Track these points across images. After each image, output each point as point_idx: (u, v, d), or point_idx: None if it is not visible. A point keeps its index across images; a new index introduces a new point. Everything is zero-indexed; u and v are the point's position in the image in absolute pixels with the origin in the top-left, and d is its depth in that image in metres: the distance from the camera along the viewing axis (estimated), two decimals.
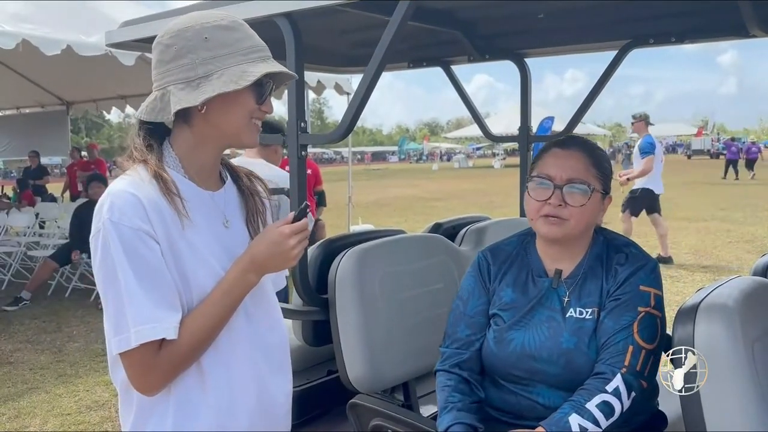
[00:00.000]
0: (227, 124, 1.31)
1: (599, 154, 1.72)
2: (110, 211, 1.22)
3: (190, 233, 1.28)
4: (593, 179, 1.67)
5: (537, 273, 1.74)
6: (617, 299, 1.63)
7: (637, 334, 1.57)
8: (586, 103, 2.96)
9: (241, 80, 1.25)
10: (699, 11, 2.42)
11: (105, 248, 1.21)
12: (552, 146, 1.73)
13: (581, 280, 1.69)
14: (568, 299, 1.67)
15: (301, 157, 2.05)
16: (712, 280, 7.05)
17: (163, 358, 1.23)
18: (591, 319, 1.64)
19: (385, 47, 1.81)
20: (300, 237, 1.31)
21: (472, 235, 2.64)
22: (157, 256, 1.23)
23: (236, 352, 1.34)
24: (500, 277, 1.77)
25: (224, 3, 1.97)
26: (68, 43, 6.39)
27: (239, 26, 1.31)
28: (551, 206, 1.65)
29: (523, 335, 1.67)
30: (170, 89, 1.27)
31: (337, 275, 2.10)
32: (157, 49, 1.30)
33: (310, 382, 2.49)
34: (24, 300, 6.66)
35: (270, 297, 1.48)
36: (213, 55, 1.26)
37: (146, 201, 1.24)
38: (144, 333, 1.20)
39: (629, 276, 1.64)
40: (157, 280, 1.23)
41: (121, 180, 1.28)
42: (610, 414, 1.50)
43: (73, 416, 4.03)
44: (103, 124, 56.92)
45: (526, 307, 1.70)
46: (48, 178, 12.11)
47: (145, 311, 1.20)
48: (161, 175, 1.27)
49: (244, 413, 1.35)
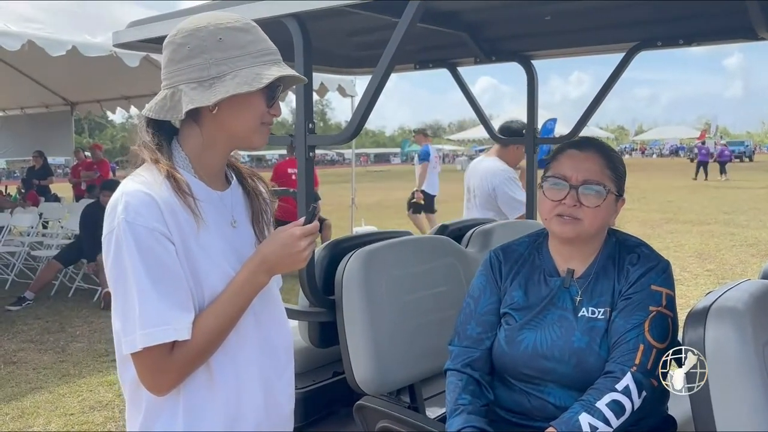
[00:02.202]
0: (237, 125, 1.31)
1: (614, 157, 1.72)
2: (125, 211, 1.21)
3: (202, 234, 1.28)
4: (608, 181, 1.67)
5: (549, 273, 1.74)
6: (629, 298, 1.63)
7: (648, 333, 1.57)
8: (593, 106, 2.96)
9: (255, 82, 1.25)
10: (707, 13, 2.41)
11: (119, 248, 1.21)
12: (568, 147, 1.73)
13: (593, 279, 1.69)
14: (580, 299, 1.68)
15: (309, 158, 2.05)
16: (716, 283, 7.07)
17: (175, 359, 1.23)
18: (603, 318, 1.64)
19: (394, 48, 1.81)
20: (310, 239, 1.32)
21: (479, 236, 2.64)
22: (172, 257, 1.23)
23: (245, 352, 1.35)
24: (512, 276, 1.77)
25: (232, 3, 1.97)
26: (73, 44, 6.40)
27: (252, 29, 1.31)
28: (566, 206, 1.65)
29: (535, 335, 1.68)
30: (182, 88, 1.27)
31: (344, 276, 2.09)
32: (169, 48, 1.30)
33: (316, 384, 2.48)
34: (27, 300, 6.67)
35: (276, 298, 1.48)
36: (226, 56, 1.26)
37: (161, 201, 1.23)
38: (156, 335, 1.20)
39: (641, 276, 1.64)
40: (171, 281, 1.22)
41: (133, 180, 1.27)
42: (620, 413, 1.50)
43: (77, 416, 4.03)
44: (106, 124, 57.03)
45: (537, 307, 1.70)
46: (52, 179, 12.14)
47: (158, 313, 1.20)
48: (174, 175, 1.26)
49: (252, 414, 1.36)
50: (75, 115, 12.00)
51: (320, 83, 8.26)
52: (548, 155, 1.85)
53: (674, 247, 9.61)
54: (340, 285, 2.10)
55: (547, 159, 1.82)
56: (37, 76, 10.37)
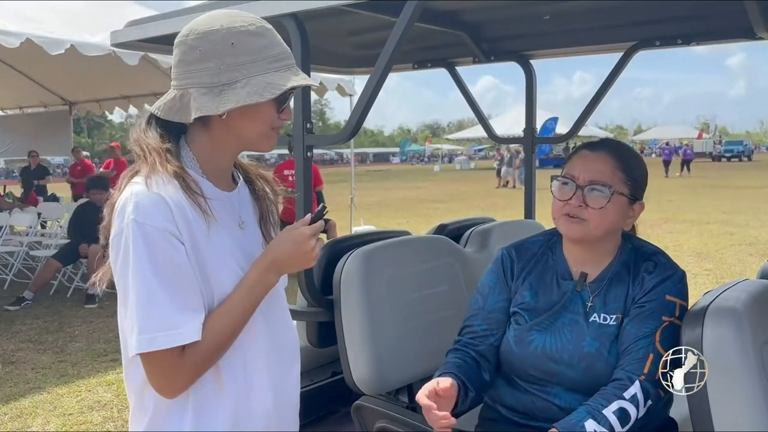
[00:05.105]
0: (247, 131, 1.30)
1: (630, 159, 1.70)
2: (135, 212, 1.19)
3: (211, 233, 1.27)
4: (618, 183, 1.65)
5: (562, 275, 1.72)
6: (642, 306, 1.61)
7: (659, 343, 1.56)
8: (592, 105, 2.96)
9: (265, 92, 1.23)
10: (705, 13, 2.41)
11: (128, 249, 1.19)
12: (582, 148, 1.73)
13: (607, 285, 1.67)
14: (592, 304, 1.66)
15: (307, 158, 2.04)
16: (715, 282, 7.07)
17: (186, 360, 1.22)
18: (615, 324, 1.63)
19: (392, 48, 1.81)
20: (317, 238, 1.32)
21: (478, 236, 2.64)
22: (183, 258, 1.22)
23: (253, 352, 1.34)
24: (524, 276, 1.76)
25: (231, 3, 1.97)
26: (72, 42, 6.39)
27: (266, 32, 1.28)
28: (572, 206, 1.65)
29: (545, 337, 1.67)
30: (191, 92, 1.25)
31: (342, 276, 2.09)
32: (181, 48, 1.27)
33: (314, 384, 2.48)
34: (26, 300, 6.66)
35: (282, 297, 1.48)
36: (238, 61, 1.23)
37: (171, 201, 1.22)
38: (164, 340, 1.18)
39: (656, 285, 1.62)
40: (181, 282, 1.21)
41: (142, 180, 1.24)
42: (625, 421, 1.49)
43: (75, 416, 4.02)
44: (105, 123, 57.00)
45: (549, 309, 1.69)
46: (49, 178, 12.12)
47: (167, 316, 1.19)
48: (183, 175, 1.25)
49: (261, 414, 1.35)
50: (74, 115, 11.99)
51: (319, 82, 8.26)
52: (547, 155, 1.85)
53: (673, 246, 9.60)
54: (339, 285, 2.09)
55: (546, 158, 1.82)
56: (35, 76, 10.36)
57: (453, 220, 2.99)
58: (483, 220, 2.97)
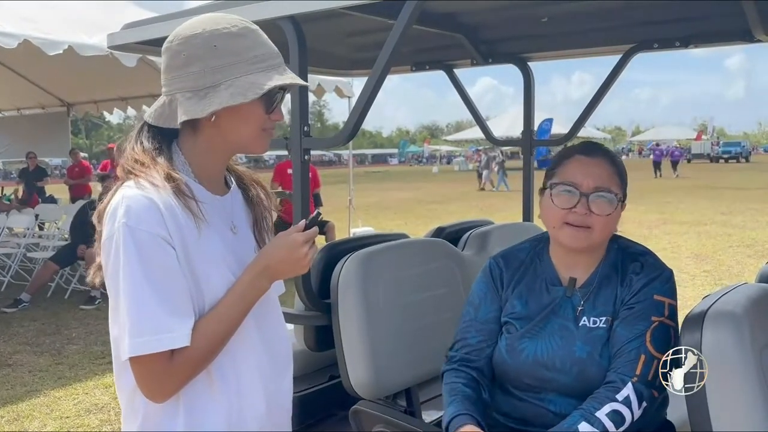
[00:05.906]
0: (237, 134, 1.29)
1: (619, 162, 1.69)
2: (126, 216, 1.19)
3: (203, 238, 1.26)
4: (616, 187, 1.64)
5: (551, 281, 1.71)
6: (631, 308, 1.60)
7: (650, 344, 1.55)
8: (590, 107, 2.96)
9: (249, 92, 1.22)
10: (703, 16, 2.41)
11: (118, 253, 1.19)
12: (575, 152, 1.68)
13: (596, 288, 1.66)
14: (582, 308, 1.65)
15: (305, 161, 2.03)
16: (713, 284, 7.07)
17: (175, 365, 1.21)
18: (604, 327, 1.62)
19: (390, 50, 1.80)
20: (311, 244, 1.31)
21: (476, 239, 2.63)
22: (173, 262, 1.21)
23: (245, 357, 1.33)
24: (513, 284, 1.74)
25: (228, 5, 1.96)
26: (69, 43, 6.38)
27: (250, 33, 1.27)
28: (576, 214, 1.60)
29: (536, 344, 1.65)
30: (177, 97, 1.25)
31: (340, 279, 2.08)
32: (167, 54, 1.28)
33: (311, 388, 2.47)
34: (23, 302, 6.64)
35: (275, 302, 1.47)
36: (221, 63, 1.23)
37: (162, 205, 1.21)
38: (152, 344, 1.18)
39: (644, 285, 1.61)
40: (171, 287, 1.20)
41: (133, 183, 1.24)
42: (620, 423, 1.48)
43: (72, 419, 4.01)
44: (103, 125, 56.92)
45: (538, 316, 1.68)
46: (47, 179, 12.09)
47: (156, 320, 1.18)
48: (175, 178, 1.24)
49: (254, 419, 1.34)
50: (71, 116, 11.98)
51: (317, 84, 8.26)
52: (545, 156, 1.83)
53: (671, 248, 9.61)
54: (336, 288, 2.08)
55: (544, 160, 1.81)
56: (33, 77, 10.35)
57: (451, 223, 2.98)
58: (481, 222, 2.96)
